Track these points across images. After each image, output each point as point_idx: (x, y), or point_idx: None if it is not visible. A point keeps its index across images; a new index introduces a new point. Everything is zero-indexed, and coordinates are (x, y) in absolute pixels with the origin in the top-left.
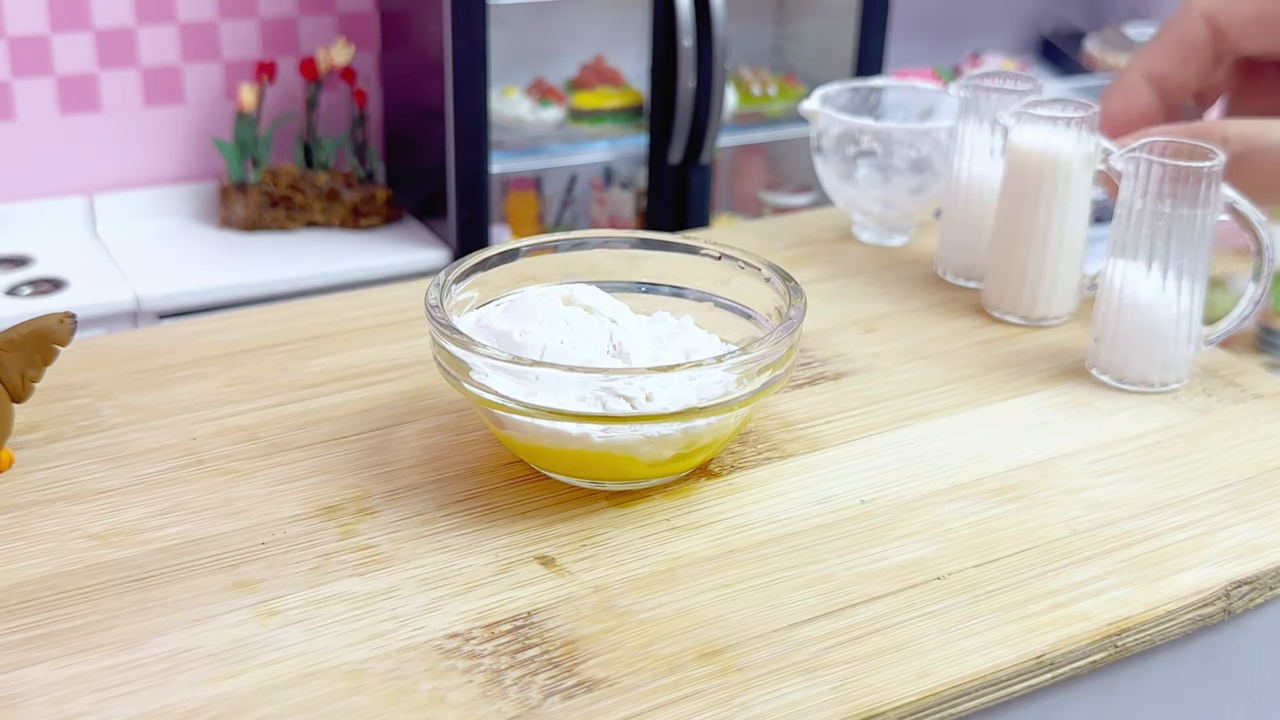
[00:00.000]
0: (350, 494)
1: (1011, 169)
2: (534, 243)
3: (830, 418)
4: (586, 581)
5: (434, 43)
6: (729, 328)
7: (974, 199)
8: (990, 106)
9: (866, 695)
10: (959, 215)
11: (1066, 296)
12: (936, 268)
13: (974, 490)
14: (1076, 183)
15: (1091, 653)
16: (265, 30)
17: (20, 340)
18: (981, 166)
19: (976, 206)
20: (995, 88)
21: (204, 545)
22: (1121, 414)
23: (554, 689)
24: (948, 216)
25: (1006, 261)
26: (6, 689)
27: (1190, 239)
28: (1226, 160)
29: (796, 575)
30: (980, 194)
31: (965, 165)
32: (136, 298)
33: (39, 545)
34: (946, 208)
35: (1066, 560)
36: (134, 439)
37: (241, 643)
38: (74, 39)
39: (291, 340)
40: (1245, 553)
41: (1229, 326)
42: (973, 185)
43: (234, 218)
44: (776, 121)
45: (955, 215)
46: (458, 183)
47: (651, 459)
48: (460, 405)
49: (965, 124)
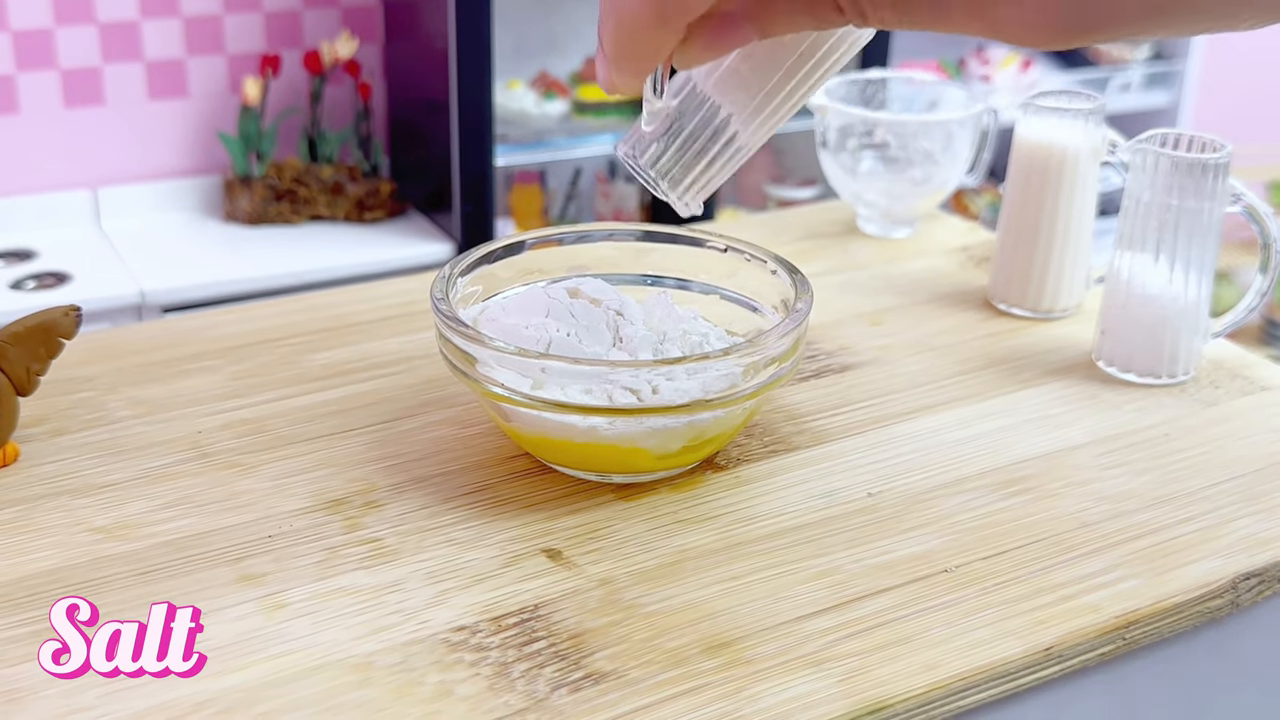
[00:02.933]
0: (356, 487)
1: (1018, 161)
2: (539, 236)
3: (837, 410)
4: (593, 574)
5: (438, 36)
6: (735, 320)
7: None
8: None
9: (874, 688)
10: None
11: (1073, 289)
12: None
13: (981, 483)
14: (1083, 175)
15: (1099, 645)
16: (269, 23)
17: (25, 334)
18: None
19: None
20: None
21: (209, 539)
22: (1129, 406)
23: (561, 681)
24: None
25: (1013, 254)
26: (13, 682)
27: (1198, 231)
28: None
29: (803, 568)
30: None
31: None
32: (141, 291)
33: (44, 539)
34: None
35: (1074, 553)
36: (139, 432)
37: (248, 636)
38: (78, 32)
39: (296, 334)
40: (1253, 545)
41: (1236, 319)
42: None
43: (238, 211)
44: None
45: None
46: (462, 176)
47: (658, 452)
48: (466, 398)
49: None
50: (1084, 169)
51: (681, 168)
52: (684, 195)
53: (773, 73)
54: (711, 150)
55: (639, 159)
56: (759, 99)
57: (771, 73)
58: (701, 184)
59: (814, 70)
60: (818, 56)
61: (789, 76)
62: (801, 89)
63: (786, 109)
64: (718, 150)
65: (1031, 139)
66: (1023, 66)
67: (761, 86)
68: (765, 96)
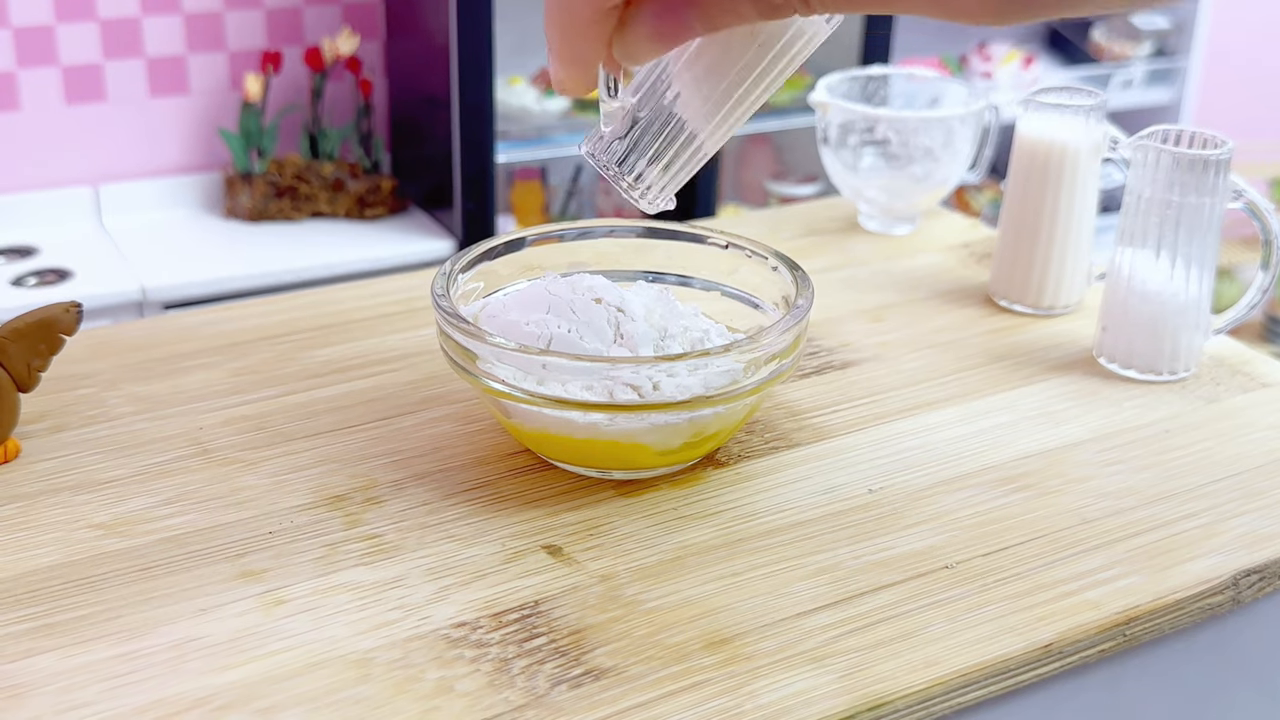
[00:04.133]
0: (356, 483)
1: (1019, 157)
2: (540, 232)
3: (837, 407)
4: (593, 570)
5: (439, 32)
6: (736, 317)
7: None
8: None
9: (874, 684)
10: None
11: (1074, 285)
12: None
13: (981, 479)
14: (1084, 171)
15: (1099, 642)
16: (270, 20)
17: (26, 330)
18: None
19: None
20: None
21: (210, 535)
22: (1129, 403)
23: (561, 678)
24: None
25: (1014, 250)
26: (14, 679)
27: (1199, 228)
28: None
29: (804, 564)
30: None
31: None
32: (142, 288)
33: (45, 535)
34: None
35: (1074, 549)
36: (140, 429)
37: (248, 632)
38: (79, 29)
39: (297, 330)
40: (1253, 542)
41: (1237, 315)
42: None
43: (239, 208)
44: (783, 111)
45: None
46: (463, 173)
47: (659, 448)
48: (466, 395)
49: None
50: (1085, 165)
51: (643, 167)
52: (647, 194)
53: (726, 71)
54: (669, 151)
55: (599, 157)
56: (714, 99)
57: (725, 72)
58: (663, 183)
59: (768, 70)
60: (771, 55)
61: (743, 76)
62: (756, 89)
63: (743, 109)
64: (675, 151)
65: (1033, 135)
66: (1024, 63)
67: (716, 86)
68: (720, 96)
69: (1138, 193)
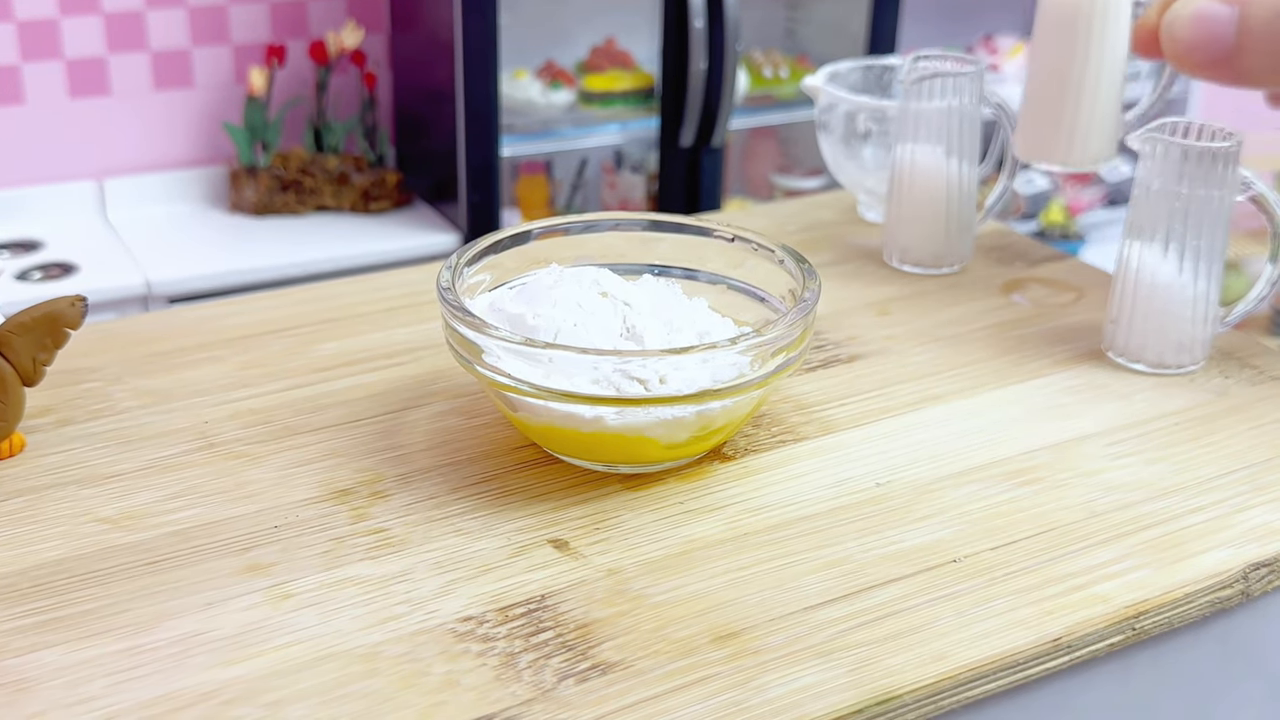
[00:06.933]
0: (363, 478)
1: (1048, 6)
2: (546, 225)
3: (844, 400)
4: (600, 565)
5: (444, 25)
6: (743, 310)
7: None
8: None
9: (883, 678)
10: (906, 198)
11: (1105, 139)
12: (885, 255)
13: (990, 473)
14: (1115, 19)
15: (1109, 635)
16: (275, 13)
17: (31, 324)
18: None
19: (924, 190)
20: (939, 71)
21: (216, 529)
22: (1138, 396)
23: (568, 672)
24: (897, 201)
25: (1042, 105)
26: (19, 673)
27: (1207, 221)
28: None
29: (812, 558)
30: (927, 176)
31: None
32: (147, 282)
33: (51, 529)
34: (895, 193)
35: (1083, 543)
36: (145, 423)
37: (254, 626)
38: (83, 22)
39: (302, 324)
40: (1263, 535)
41: (1246, 308)
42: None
43: (244, 202)
44: (788, 104)
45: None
46: (468, 166)
47: (666, 442)
48: (472, 389)
49: (914, 106)
50: (1115, 13)
51: None
52: None
53: None
54: None
55: None
56: None
57: None
58: None
59: None
60: None
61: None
62: None
63: None
64: None
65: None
66: None
67: None
68: None
69: (1146, 185)
